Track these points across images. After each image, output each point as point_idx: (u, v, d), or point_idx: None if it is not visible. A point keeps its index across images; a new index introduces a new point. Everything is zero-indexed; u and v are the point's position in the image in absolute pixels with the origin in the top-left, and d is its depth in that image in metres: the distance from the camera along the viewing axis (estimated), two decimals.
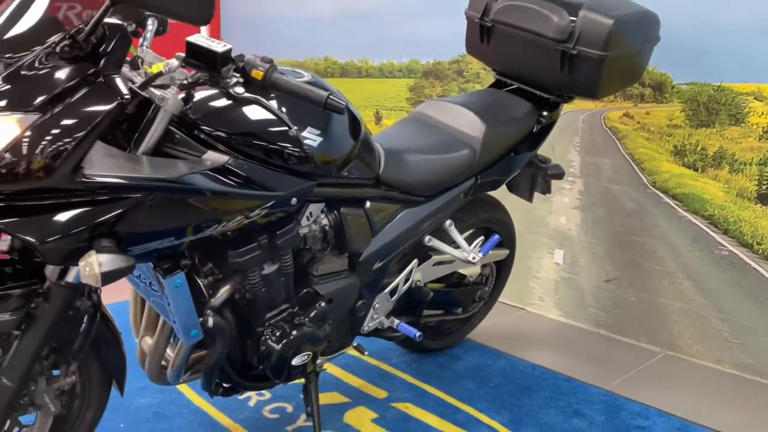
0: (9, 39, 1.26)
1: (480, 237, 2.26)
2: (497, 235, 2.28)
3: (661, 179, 2.52)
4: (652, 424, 2.12)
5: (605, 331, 2.72)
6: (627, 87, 2.47)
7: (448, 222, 2.12)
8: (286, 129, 1.48)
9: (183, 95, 1.38)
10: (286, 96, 1.46)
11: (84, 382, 1.61)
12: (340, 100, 1.39)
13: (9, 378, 1.41)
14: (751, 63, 2.26)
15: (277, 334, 1.68)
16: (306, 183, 1.57)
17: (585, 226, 2.74)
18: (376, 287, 1.97)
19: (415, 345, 2.43)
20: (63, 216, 1.25)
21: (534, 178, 2.37)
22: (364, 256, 1.87)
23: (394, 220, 1.94)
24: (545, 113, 2.26)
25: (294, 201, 1.56)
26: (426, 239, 2.08)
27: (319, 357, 1.85)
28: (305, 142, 1.52)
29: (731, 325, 2.40)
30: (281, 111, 1.48)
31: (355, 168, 1.75)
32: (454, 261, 2.21)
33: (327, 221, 1.76)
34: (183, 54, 1.35)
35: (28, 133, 1.20)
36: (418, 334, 2.07)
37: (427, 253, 2.14)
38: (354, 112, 1.70)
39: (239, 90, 1.39)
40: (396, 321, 2.10)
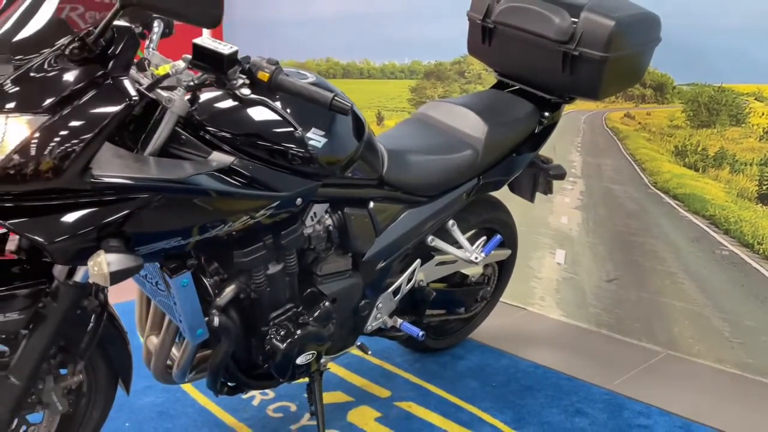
0: (18, 41, 1.27)
1: (482, 237, 2.26)
2: (499, 236, 2.28)
3: (662, 179, 2.53)
4: (653, 423, 2.13)
5: (607, 331, 2.73)
6: (628, 88, 2.48)
7: (450, 222, 2.13)
8: (291, 130, 1.49)
9: (189, 96, 1.40)
10: (290, 97, 1.47)
11: (91, 380, 1.62)
12: (345, 101, 1.40)
13: (17, 377, 1.42)
14: (752, 64, 2.26)
15: (282, 333, 1.69)
16: (311, 183, 1.58)
17: (586, 226, 2.75)
18: (379, 287, 1.98)
19: (418, 344, 2.44)
20: (71, 216, 1.26)
21: (536, 178, 2.37)
22: (367, 256, 1.88)
23: (397, 220, 1.95)
24: (547, 114, 2.27)
25: (299, 201, 1.57)
26: (429, 239, 2.09)
27: (323, 356, 1.86)
28: (310, 143, 1.53)
29: (732, 325, 2.41)
30: (286, 112, 1.49)
31: (359, 169, 1.76)
32: (456, 261, 2.22)
33: (331, 221, 1.77)
34: (189, 56, 1.37)
35: (37, 135, 1.21)
36: (421, 333, 2.07)
37: (430, 253, 2.15)
38: (358, 113, 1.71)
39: (245, 91, 1.40)
40: (399, 320, 2.10)
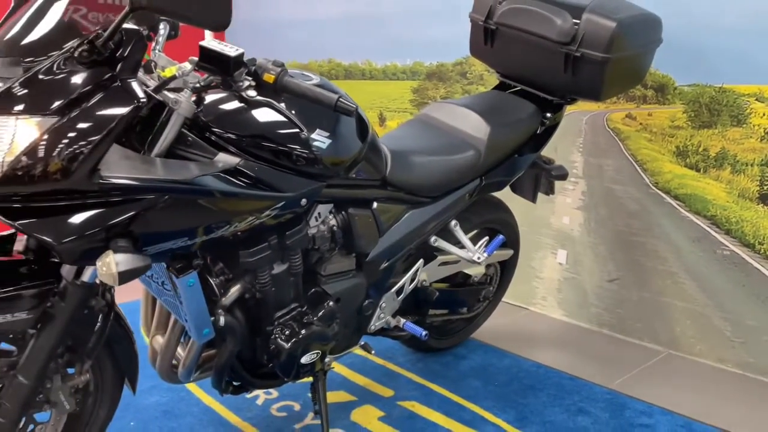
0: (27, 44, 1.28)
1: (485, 237, 2.28)
2: (501, 236, 2.29)
3: (664, 180, 2.54)
4: (655, 422, 2.14)
5: (608, 331, 2.74)
6: (630, 89, 2.49)
7: (453, 222, 2.15)
8: (297, 131, 1.50)
9: (194, 98, 1.41)
10: (295, 99, 1.48)
11: (97, 380, 1.63)
12: (349, 102, 1.41)
13: (25, 376, 1.43)
14: (753, 64, 2.28)
15: (287, 332, 1.70)
16: (315, 184, 1.59)
17: (588, 226, 2.76)
18: (382, 287, 1.99)
19: (421, 344, 2.45)
20: (79, 217, 1.28)
21: (537, 179, 2.38)
22: (371, 256, 1.89)
23: (400, 220, 1.96)
24: (549, 115, 2.28)
25: (304, 202, 1.58)
26: (432, 239, 2.10)
27: (328, 356, 1.88)
28: (314, 144, 1.54)
29: (733, 325, 2.42)
30: (291, 114, 1.51)
31: (363, 169, 1.77)
32: (459, 261, 2.23)
33: (335, 222, 1.79)
34: (196, 58, 1.38)
35: (47, 136, 1.22)
36: (424, 333, 2.08)
37: (433, 254, 2.17)
38: (361, 114, 1.72)
39: (251, 93, 1.41)
40: (402, 320, 2.11)
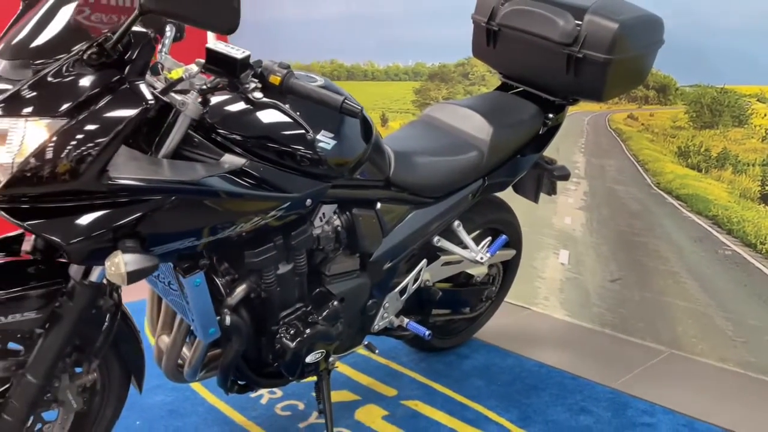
0: (36, 47, 1.29)
1: (487, 237, 2.29)
2: (504, 236, 2.30)
3: (665, 180, 2.55)
4: (657, 421, 2.15)
5: (610, 331, 2.75)
6: (631, 89, 2.50)
7: (456, 223, 2.16)
8: (303, 132, 1.52)
9: (200, 100, 1.42)
10: (300, 100, 1.49)
11: (104, 379, 1.65)
12: (354, 104, 1.43)
13: (33, 374, 1.45)
14: (754, 65, 2.28)
15: (292, 332, 1.72)
16: (320, 185, 1.61)
17: (590, 226, 2.77)
18: (386, 287, 2.01)
19: (424, 344, 2.46)
20: (88, 217, 1.29)
21: (540, 179, 2.39)
22: (374, 256, 1.90)
23: (404, 221, 1.98)
24: (551, 115, 2.29)
25: (309, 202, 1.60)
26: (435, 240, 2.11)
27: (332, 355, 1.89)
28: (319, 145, 1.56)
29: (735, 324, 2.43)
30: (297, 115, 1.52)
31: (367, 170, 1.78)
32: (462, 261, 2.24)
33: (339, 222, 1.80)
34: (202, 60, 1.39)
35: (56, 138, 1.23)
36: (427, 332, 2.09)
37: (436, 254, 2.18)
38: (366, 115, 1.73)
39: (258, 95, 1.42)
40: (405, 320, 2.13)
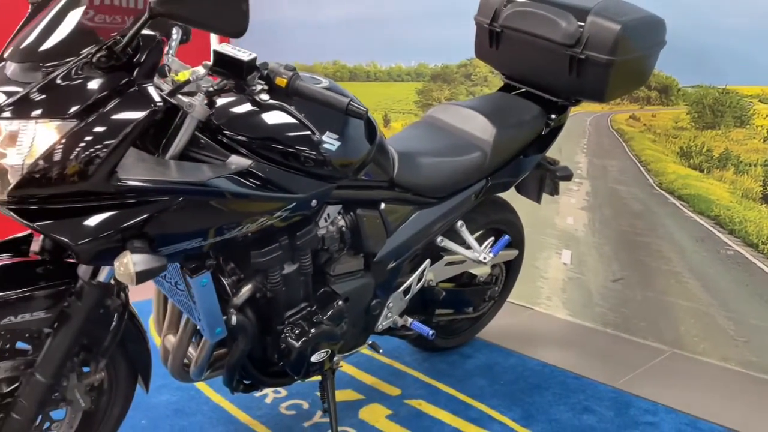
0: (45, 49, 1.31)
1: (490, 237, 2.29)
2: (507, 236, 2.31)
3: (667, 180, 2.56)
4: (660, 420, 2.16)
5: (612, 330, 2.76)
6: (634, 90, 2.51)
7: (459, 223, 2.17)
8: (309, 134, 1.53)
9: (207, 101, 1.43)
10: (305, 102, 1.51)
11: (112, 378, 1.66)
12: (360, 106, 1.44)
13: (42, 374, 1.46)
14: (756, 66, 2.29)
15: (297, 331, 1.73)
16: (325, 186, 1.62)
17: (592, 226, 2.78)
18: (390, 287, 2.02)
19: (427, 344, 2.47)
20: (96, 218, 1.31)
21: (542, 179, 2.40)
22: (378, 256, 1.92)
23: (407, 221, 1.99)
24: (553, 116, 2.30)
25: (314, 203, 1.61)
26: (438, 240, 2.12)
27: (336, 354, 1.90)
28: (324, 146, 1.57)
29: (737, 324, 2.44)
30: (302, 117, 1.53)
31: (371, 171, 1.80)
32: (465, 261, 2.25)
33: (344, 222, 1.81)
34: (209, 62, 1.41)
35: (66, 140, 1.25)
36: (431, 332, 2.10)
37: (439, 254, 2.19)
38: (370, 117, 1.74)
39: (264, 97, 1.43)
40: (409, 320, 2.14)
